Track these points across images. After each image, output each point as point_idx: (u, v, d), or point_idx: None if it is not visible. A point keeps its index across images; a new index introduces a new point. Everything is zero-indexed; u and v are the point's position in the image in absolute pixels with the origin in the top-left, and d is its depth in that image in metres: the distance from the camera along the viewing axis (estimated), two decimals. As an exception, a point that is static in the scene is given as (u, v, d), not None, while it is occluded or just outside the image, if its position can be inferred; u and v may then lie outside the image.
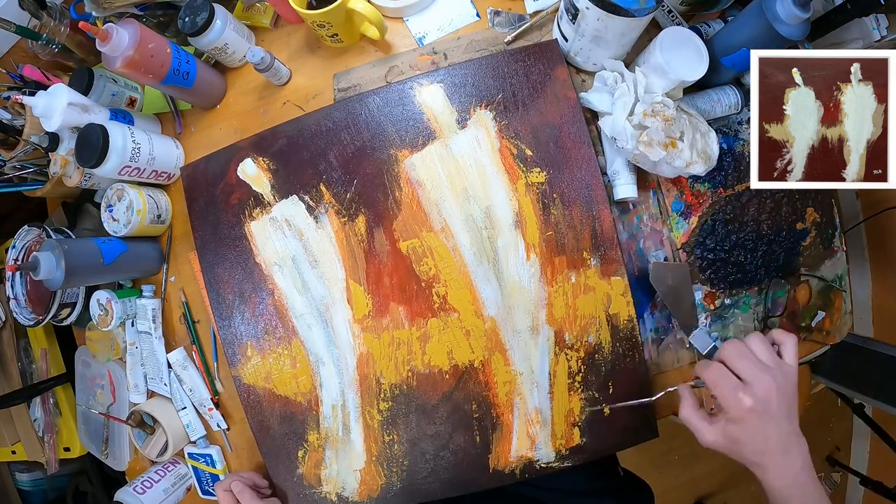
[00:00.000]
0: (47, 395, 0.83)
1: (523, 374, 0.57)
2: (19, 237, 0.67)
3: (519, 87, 0.58)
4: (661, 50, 0.51)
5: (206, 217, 0.62)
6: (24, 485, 1.01)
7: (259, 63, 0.59)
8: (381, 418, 0.59)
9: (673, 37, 0.52)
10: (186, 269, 0.66)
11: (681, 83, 0.52)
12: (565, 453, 0.58)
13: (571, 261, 0.57)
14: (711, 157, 0.53)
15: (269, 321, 0.61)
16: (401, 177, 0.58)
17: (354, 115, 0.59)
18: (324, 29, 0.58)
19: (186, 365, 0.64)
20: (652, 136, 0.50)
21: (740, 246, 0.60)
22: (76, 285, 0.66)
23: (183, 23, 0.57)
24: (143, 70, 0.55)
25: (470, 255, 0.57)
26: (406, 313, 0.58)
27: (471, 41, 0.61)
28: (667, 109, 0.50)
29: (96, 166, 0.55)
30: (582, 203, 0.57)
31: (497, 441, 0.58)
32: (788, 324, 0.62)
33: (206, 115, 0.67)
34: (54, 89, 0.56)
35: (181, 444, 0.66)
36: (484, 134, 0.58)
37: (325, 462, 0.61)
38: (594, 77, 0.56)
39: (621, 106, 0.52)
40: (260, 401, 0.61)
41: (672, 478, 1.48)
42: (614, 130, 0.53)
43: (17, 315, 0.67)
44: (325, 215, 0.59)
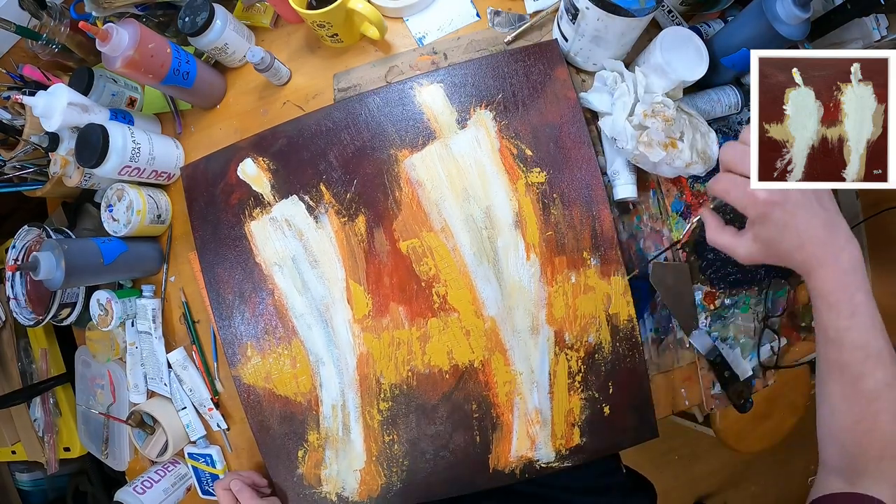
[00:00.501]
0: (47, 395, 0.83)
1: (523, 373, 0.57)
2: (19, 237, 0.67)
3: (519, 87, 0.58)
4: (661, 50, 0.51)
5: (206, 217, 0.62)
6: (24, 485, 1.01)
7: (259, 63, 0.59)
8: (381, 418, 0.59)
9: (673, 37, 0.52)
10: (186, 269, 0.66)
11: (681, 83, 0.52)
12: (565, 453, 0.58)
13: (571, 261, 0.57)
14: (711, 157, 0.53)
15: (269, 321, 0.61)
16: (401, 177, 0.58)
17: (354, 115, 0.59)
18: (324, 29, 0.58)
19: (186, 365, 0.64)
20: (652, 136, 0.50)
21: (740, 246, 0.60)
22: (76, 285, 0.66)
23: (183, 23, 0.57)
24: (143, 70, 0.55)
25: (470, 255, 0.57)
26: (406, 313, 0.58)
27: (471, 41, 0.61)
28: (667, 110, 0.50)
29: (96, 166, 0.55)
30: (582, 203, 0.57)
31: (497, 441, 0.58)
32: (788, 324, 0.62)
33: (206, 115, 0.67)
34: (54, 89, 0.56)
35: (181, 444, 0.66)
36: (484, 134, 0.58)
37: (325, 462, 0.61)
38: (594, 77, 0.56)
39: (621, 106, 0.52)
40: (260, 401, 0.61)
41: (672, 478, 1.48)
42: (614, 130, 0.53)
43: (17, 315, 0.67)
44: (325, 215, 0.59)
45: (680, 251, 0.60)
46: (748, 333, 0.61)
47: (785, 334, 0.62)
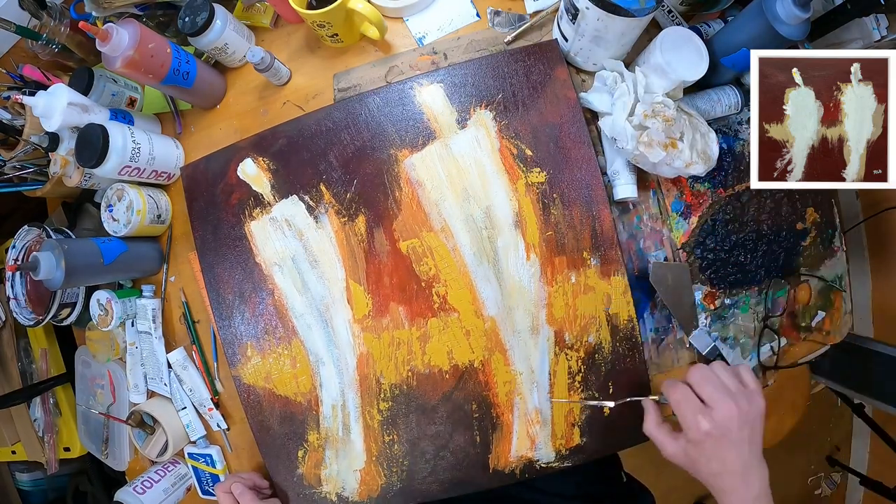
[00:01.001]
0: (47, 395, 0.83)
1: (523, 373, 0.57)
2: (19, 237, 0.67)
3: (519, 87, 0.58)
4: (661, 50, 0.51)
5: (206, 217, 0.62)
6: (24, 485, 1.01)
7: (259, 63, 0.59)
8: (381, 418, 0.59)
9: (673, 37, 0.52)
10: (186, 269, 0.66)
11: (681, 83, 0.52)
12: (565, 453, 0.58)
13: (571, 261, 0.57)
14: (711, 157, 0.53)
15: (269, 321, 0.61)
16: (401, 177, 0.58)
17: (354, 115, 0.59)
18: (324, 29, 0.58)
19: (186, 365, 0.64)
20: (652, 136, 0.50)
21: (740, 246, 0.60)
22: (76, 285, 0.66)
23: (183, 23, 0.57)
24: (143, 70, 0.55)
25: (470, 255, 0.57)
26: (406, 313, 0.58)
27: (471, 41, 0.61)
28: (667, 110, 0.50)
29: (96, 166, 0.55)
30: (582, 203, 0.57)
31: (497, 441, 0.58)
32: (788, 324, 0.62)
33: (206, 115, 0.67)
34: (54, 89, 0.56)
35: (181, 444, 0.66)
36: (484, 134, 0.58)
37: (325, 462, 0.61)
38: (594, 77, 0.56)
39: (621, 106, 0.52)
40: (260, 401, 0.61)
41: (672, 478, 1.47)
42: (614, 130, 0.53)
43: (17, 315, 0.67)
44: (325, 215, 0.59)
45: (680, 251, 0.60)
46: (748, 333, 0.61)
47: (785, 334, 0.62)
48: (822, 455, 1.43)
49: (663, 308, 0.59)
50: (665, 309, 0.59)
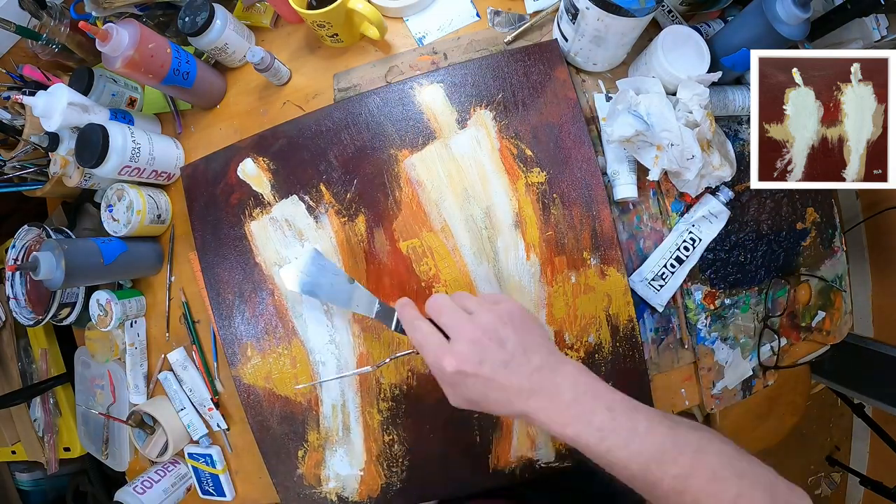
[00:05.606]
0: (47, 395, 0.83)
1: (523, 374, 0.57)
2: (19, 237, 0.67)
3: (519, 87, 0.58)
4: (661, 50, 0.51)
5: (206, 217, 0.62)
6: (24, 485, 1.01)
7: (259, 63, 0.59)
8: (381, 418, 0.59)
9: (673, 36, 0.52)
10: (186, 269, 0.66)
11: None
12: (565, 453, 0.58)
13: (571, 261, 0.57)
14: (733, 161, 0.52)
15: (269, 321, 0.61)
16: (401, 177, 0.58)
17: (354, 115, 0.59)
18: (324, 29, 0.58)
19: (186, 365, 0.64)
20: (704, 133, 0.49)
21: (740, 246, 0.60)
22: (76, 285, 0.66)
23: (183, 23, 0.57)
24: (143, 70, 0.55)
25: (470, 255, 0.57)
26: (406, 313, 0.58)
27: (471, 41, 0.61)
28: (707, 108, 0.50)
29: (96, 166, 0.55)
30: (582, 203, 0.57)
31: (497, 441, 0.58)
32: (788, 324, 0.62)
33: (206, 115, 0.67)
34: (54, 89, 0.56)
35: (181, 444, 0.66)
36: (484, 134, 0.58)
37: (325, 462, 0.61)
38: (609, 101, 0.56)
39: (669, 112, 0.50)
40: (260, 401, 0.61)
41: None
42: (672, 137, 0.49)
43: (17, 315, 0.67)
44: (325, 215, 0.59)
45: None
46: (748, 333, 0.61)
47: (785, 334, 0.62)
48: (822, 455, 1.43)
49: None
50: (665, 310, 0.59)
